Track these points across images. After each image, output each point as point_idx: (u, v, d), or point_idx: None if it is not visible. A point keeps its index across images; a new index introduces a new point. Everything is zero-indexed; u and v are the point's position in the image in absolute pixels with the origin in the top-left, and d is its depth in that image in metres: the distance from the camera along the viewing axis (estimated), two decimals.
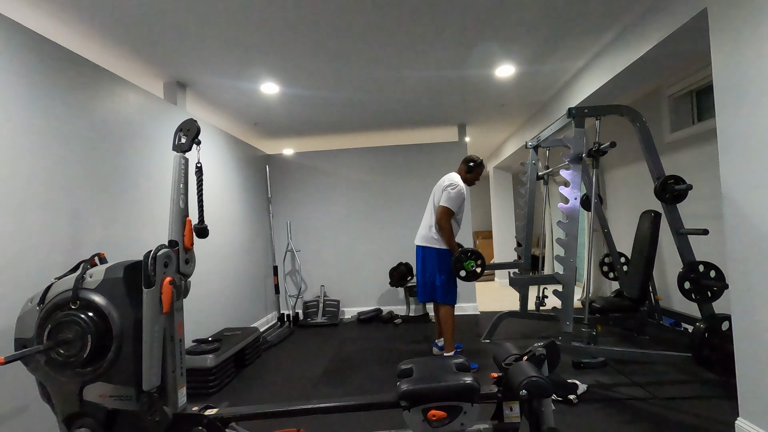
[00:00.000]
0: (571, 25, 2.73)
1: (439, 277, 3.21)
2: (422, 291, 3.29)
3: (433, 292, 3.24)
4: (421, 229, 3.38)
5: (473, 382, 1.51)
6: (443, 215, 3.17)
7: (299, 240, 5.32)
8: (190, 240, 1.61)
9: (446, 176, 3.34)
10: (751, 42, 1.75)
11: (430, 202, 3.40)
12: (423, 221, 3.41)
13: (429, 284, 3.25)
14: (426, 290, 3.26)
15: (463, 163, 3.37)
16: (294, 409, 1.64)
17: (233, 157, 4.36)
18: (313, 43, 2.79)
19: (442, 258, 3.21)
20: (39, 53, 2.07)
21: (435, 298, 3.24)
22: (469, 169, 3.33)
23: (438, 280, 3.21)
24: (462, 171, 3.36)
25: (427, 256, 3.26)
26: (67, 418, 1.50)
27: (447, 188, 3.20)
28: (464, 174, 3.34)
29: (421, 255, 3.32)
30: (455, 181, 3.23)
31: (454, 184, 3.20)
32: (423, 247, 3.30)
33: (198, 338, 3.19)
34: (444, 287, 3.20)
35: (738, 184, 1.87)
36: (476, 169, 3.33)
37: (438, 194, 3.27)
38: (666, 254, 3.90)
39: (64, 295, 1.50)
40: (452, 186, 3.19)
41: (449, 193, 3.17)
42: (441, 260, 3.21)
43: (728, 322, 2.41)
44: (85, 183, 2.30)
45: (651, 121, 3.88)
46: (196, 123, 1.69)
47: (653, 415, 2.25)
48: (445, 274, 3.20)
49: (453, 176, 3.29)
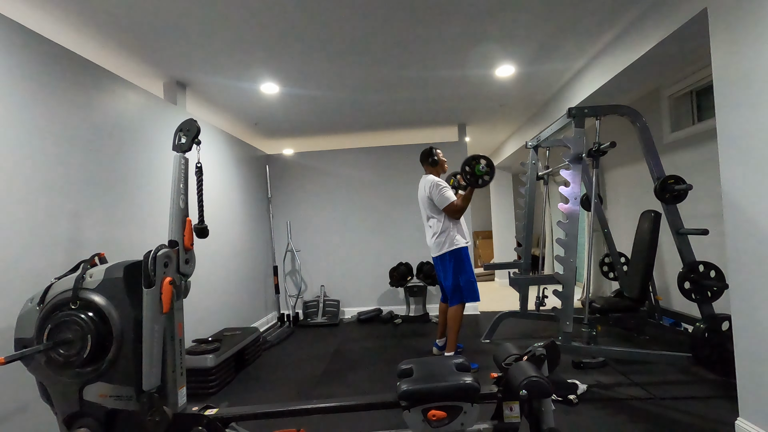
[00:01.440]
0: (571, 25, 2.73)
1: (461, 277, 3.23)
2: (451, 296, 3.30)
3: (459, 293, 3.25)
4: (429, 242, 3.40)
5: (473, 382, 1.51)
6: (451, 210, 3.19)
7: (299, 240, 5.32)
8: (190, 240, 1.61)
9: (423, 182, 3.37)
10: (750, 42, 1.75)
11: (423, 215, 3.42)
12: (426, 235, 3.42)
13: (454, 287, 3.26)
14: (456, 294, 3.27)
15: (425, 164, 3.42)
16: (294, 409, 1.64)
17: (233, 157, 4.36)
18: (313, 43, 2.79)
19: (458, 257, 3.23)
20: (39, 53, 2.07)
21: (464, 299, 3.25)
22: (433, 163, 3.38)
23: (462, 280, 3.23)
24: (430, 170, 3.40)
25: (446, 262, 3.28)
26: (67, 418, 1.51)
27: (433, 190, 3.21)
28: (433, 170, 3.39)
29: (440, 264, 3.34)
30: (435, 180, 3.26)
31: (437, 183, 3.23)
32: (439, 256, 3.31)
33: (198, 338, 3.19)
34: (468, 286, 3.23)
35: (738, 184, 1.87)
36: (438, 158, 3.37)
37: (428, 203, 3.29)
38: (666, 254, 3.89)
39: (64, 295, 1.50)
40: (438, 185, 3.22)
41: (442, 193, 3.19)
42: (458, 260, 3.23)
43: (728, 322, 2.40)
44: (85, 183, 2.30)
45: (651, 121, 3.87)
46: (196, 123, 1.69)
47: (653, 415, 2.25)
48: (464, 273, 3.22)
49: (430, 178, 3.30)
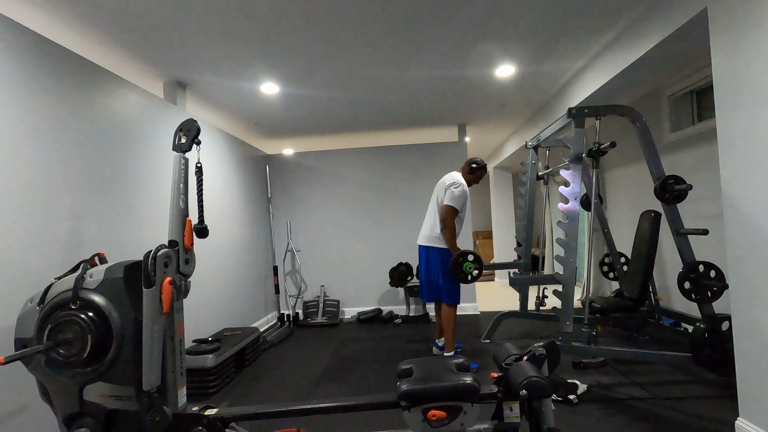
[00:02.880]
0: (571, 25, 2.73)
1: (443, 277, 3.18)
2: (427, 291, 3.27)
3: (437, 292, 3.22)
4: (424, 229, 3.36)
5: (473, 382, 1.51)
6: (448, 214, 3.15)
7: (299, 240, 5.32)
8: (190, 240, 1.60)
9: (448, 175, 3.33)
10: (750, 42, 1.75)
11: (432, 202, 3.37)
12: (425, 221, 3.38)
13: (433, 284, 3.23)
14: (431, 290, 3.25)
15: (466, 164, 3.37)
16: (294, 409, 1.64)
17: (233, 157, 4.36)
18: (313, 43, 2.79)
19: (447, 258, 3.19)
20: (39, 53, 2.07)
21: (440, 297, 3.22)
22: (471, 170, 3.33)
23: (442, 280, 3.19)
24: (464, 171, 3.35)
25: (431, 256, 3.24)
26: (67, 418, 1.50)
27: (450, 187, 3.18)
28: (466, 174, 3.33)
29: (425, 255, 3.30)
30: (458, 179, 3.22)
31: (457, 182, 3.19)
32: (427, 247, 3.27)
33: (198, 338, 3.19)
34: (448, 287, 3.18)
35: (738, 184, 1.87)
36: (478, 171, 3.33)
37: (441, 193, 3.25)
38: (666, 254, 3.90)
39: (64, 295, 1.50)
40: (455, 185, 3.18)
41: (453, 192, 3.15)
42: (445, 260, 3.18)
43: (728, 322, 2.41)
44: (85, 183, 2.30)
45: (651, 121, 3.88)
46: (196, 123, 1.69)
47: (653, 415, 2.25)
48: (449, 274, 3.19)
49: (455, 175, 3.27)
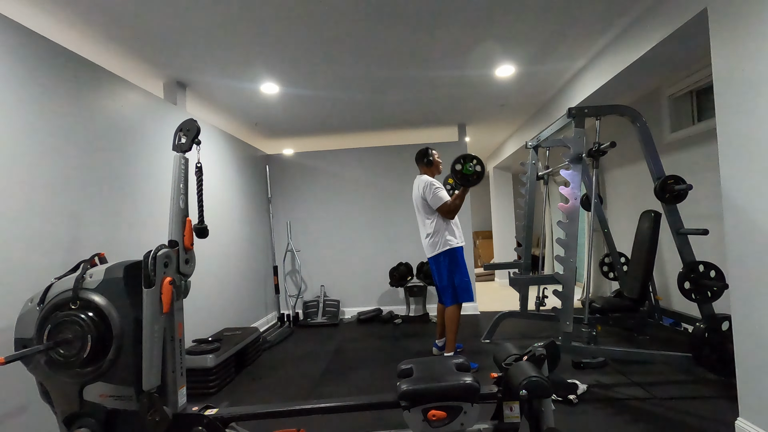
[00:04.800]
0: (571, 25, 2.73)
1: (456, 277, 3.23)
2: (446, 295, 3.29)
3: (454, 293, 3.25)
4: (423, 243, 3.40)
5: (473, 382, 1.51)
6: (444, 210, 3.19)
7: (299, 240, 5.32)
8: (190, 240, 1.61)
9: (417, 183, 3.37)
10: (751, 42, 1.75)
11: (417, 215, 3.42)
12: (421, 235, 3.42)
13: (449, 287, 3.26)
14: (449, 294, 3.27)
15: (420, 164, 3.43)
16: (294, 409, 1.64)
17: (233, 157, 4.35)
18: (313, 43, 2.79)
19: (453, 257, 3.23)
20: (39, 53, 2.07)
21: (458, 299, 3.25)
22: (428, 164, 3.39)
23: (457, 280, 3.23)
24: (425, 170, 3.40)
25: (440, 263, 3.27)
26: (67, 418, 1.50)
27: (427, 191, 3.22)
28: (428, 170, 3.40)
29: (434, 264, 3.34)
30: (428, 180, 3.27)
31: (430, 183, 3.24)
32: (433, 257, 3.31)
33: (198, 338, 3.19)
34: (462, 285, 3.23)
35: (738, 184, 1.87)
36: (433, 159, 3.39)
37: (422, 203, 3.29)
38: (666, 254, 3.89)
39: (64, 295, 1.50)
40: (432, 185, 3.22)
41: (435, 193, 3.20)
42: (452, 260, 3.23)
43: (728, 322, 2.40)
44: (85, 183, 2.30)
45: (651, 121, 3.87)
46: (196, 123, 1.69)
47: (653, 415, 2.25)
48: (459, 273, 3.22)
49: (424, 179, 3.30)
